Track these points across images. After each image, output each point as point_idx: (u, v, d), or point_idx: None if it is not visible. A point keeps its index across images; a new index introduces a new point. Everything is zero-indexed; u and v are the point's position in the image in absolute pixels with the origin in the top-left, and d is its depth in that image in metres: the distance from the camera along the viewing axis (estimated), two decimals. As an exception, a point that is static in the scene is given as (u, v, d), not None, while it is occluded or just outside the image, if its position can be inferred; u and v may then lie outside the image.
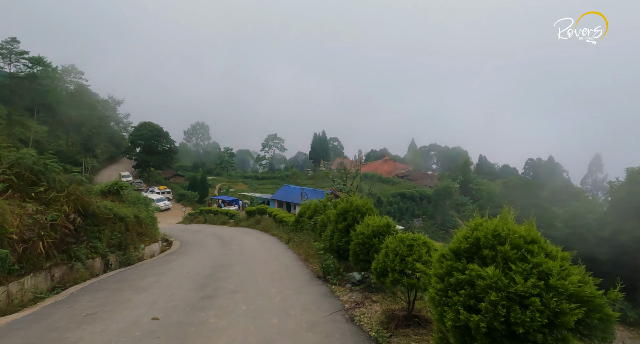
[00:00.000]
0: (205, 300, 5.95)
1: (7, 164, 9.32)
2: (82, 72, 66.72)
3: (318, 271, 7.52)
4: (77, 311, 5.69)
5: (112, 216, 11.58)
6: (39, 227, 8.27)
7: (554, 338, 2.21)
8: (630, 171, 32.50)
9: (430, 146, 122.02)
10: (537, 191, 54.37)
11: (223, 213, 31.81)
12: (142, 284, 7.59)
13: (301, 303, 5.53)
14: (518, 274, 2.35)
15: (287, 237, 14.25)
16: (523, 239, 2.57)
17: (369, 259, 5.41)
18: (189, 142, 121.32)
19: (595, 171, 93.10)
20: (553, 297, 2.23)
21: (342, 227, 7.01)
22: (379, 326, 4.28)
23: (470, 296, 2.45)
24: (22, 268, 7.44)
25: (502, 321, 2.27)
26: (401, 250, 4.09)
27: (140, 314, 5.28)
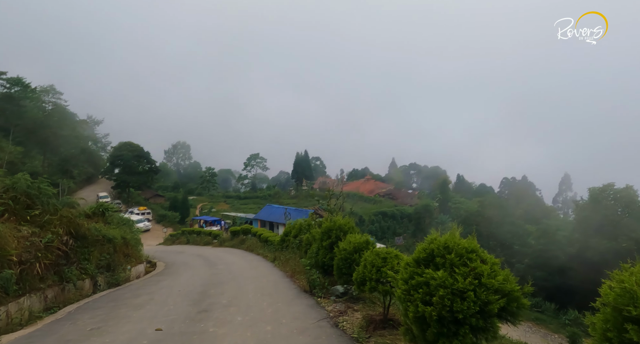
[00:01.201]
0: (202, 313, 6.49)
1: (2, 189, 9.65)
2: (60, 92, 66.18)
3: (305, 286, 8.16)
4: (81, 327, 6.11)
5: (101, 237, 11.86)
6: (36, 249, 8.59)
7: (484, 321, 3.03)
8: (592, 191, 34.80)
9: (410, 165, 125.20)
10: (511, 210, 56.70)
11: (206, 234, 31.79)
12: (138, 302, 8.00)
13: (291, 313, 6.18)
14: (459, 276, 3.18)
15: (272, 256, 14.77)
16: (465, 250, 3.41)
17: (351, 272, 6.14)
18: (170, 161, 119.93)
19: (565, 189, 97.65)
20: (483, 291, 3.06)
21: (326, 244, 7.74)
22: (359, 329, 5.00)
23: (426, 293, 3.25)
24: (20, 288, 7.74)
25: (448, 310, 3.07)
26: (377, 262, 4.88)
27: (143, 327, 5.78)
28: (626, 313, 1.77)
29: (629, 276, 1.86)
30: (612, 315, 1.85)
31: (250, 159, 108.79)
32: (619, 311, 1.82)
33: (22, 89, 50.03)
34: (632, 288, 1.80)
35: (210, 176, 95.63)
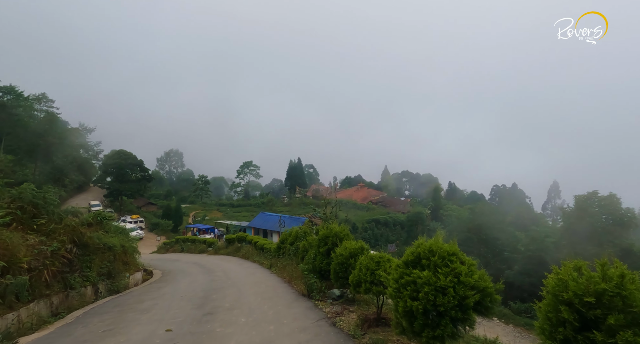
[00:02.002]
0: (207, 316, 6.91)
1: (9, 199, 9.99)
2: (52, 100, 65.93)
3: (302, 290, 8.62)
4: (94, 329, 6.49)
5: (102, 245, 12.17)
6: (44, 257, 8.93)
7: (462, 313, 3.56)
8: (578, 198, 35.86)
9: (403, 172, 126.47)
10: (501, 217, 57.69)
11: (201, 241, 31.91)
12: (143, 307, 8.37)
13: (291, 314, 6.65)
14: (442, 275, 3.72)
15: (269, 263, 15.16)
16: (447, 253, 3.96)
17: (347, 276, 6.64)
18: (162, 169, 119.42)
19: (554, 197, 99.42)
20: (462, 288, 3.61)
21: (323, 251, 8.24)
22: (355, 327, 5.49)
23: (413, 290, 3.79)
24: (29, 294, 8.06)
25: (432, 305, 3.60)
26: (371, 266, 5.41)
27: (153, 328, 6.19)
28: (561, 298, 2.32)
29: (564, 269, 2.42)
30: (552, 300, 2.40)
31: (243, 167, 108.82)
32: (556, 296, 2.37)
33: (14, 98, 49.85)
34: (564, 278, 2.36)
35: (203, 184, 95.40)
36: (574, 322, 2.25)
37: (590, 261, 2.48)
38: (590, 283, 2.25)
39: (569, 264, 2.47)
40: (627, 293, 2.13)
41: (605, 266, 2.28)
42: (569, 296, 2.28)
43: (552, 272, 2.55)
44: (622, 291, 2.14)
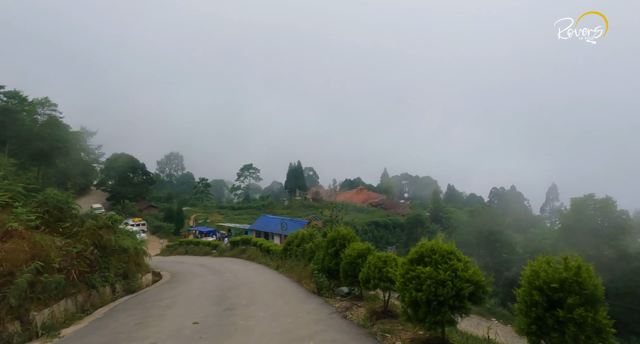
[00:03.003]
0: (227, 311, 7.57)
1: (36, 204, 10.65)
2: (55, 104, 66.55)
3: (312, 288, 9.29)
4: (125, 323, 7.15)
5: (117, 248, 12.81)
6: (70, 258, 9.58)
7: (459, 302, 4.24)
8: (574, 201, 36.62)
9: (402, 175, 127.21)
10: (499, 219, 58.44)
11: (205, 244, 32.53)
12: (164, 304, 9.02)
13: (305, 309, 7.31)
14: (442, 270, 4.40)
15: (275, 264, 15.81)
16: (446, 252, 4.65)
17: (356, 274, 7.32)
18: (163, 172, 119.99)
19: (552, 199, 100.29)
20: (458, 281, 4.28)
21: (332, 251, 8.92)
22: (364, 319, 6.16)
23: (418, 283, 4.46)
24: (60, 292, 8.71)
25: (433, 295, 4.28)
26: (379, 264, 6.09)
27: (181, 321, 6.85)
28: (533, 284, 3.00)
29: (537, 262, 3.11)
30: (527, 286, 3.07)
31: (243, 170, 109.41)
32: (530, 283, 3.04)
33: (19, 102, 50.53)
34: (537, 269, 3.03)
35: (204, 187, 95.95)
36: (543, 303, 2.92)
37: (589, 263, 3.09)
38: (556, 273, 2.92)
39: (541, 259, 3.15)
40: (582, 279, 2.81)
41: (567, 260, 2.96)
42: (540, 283, 2.96)
43: (528, 265, 3.23)
44: (578, 278, 2.82)
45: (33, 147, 53.47)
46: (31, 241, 8.07)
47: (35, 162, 56.78)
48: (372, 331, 5.64)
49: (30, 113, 56.86)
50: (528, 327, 3.03)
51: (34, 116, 60.47)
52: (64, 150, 57.78)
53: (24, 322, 6.96)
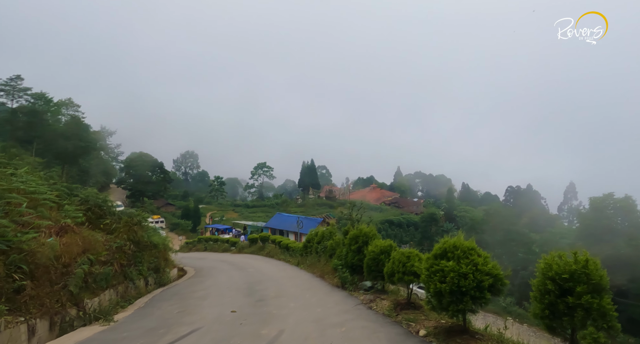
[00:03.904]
0: (260, 302, 8.21)
1: (78, 202, 11.53)
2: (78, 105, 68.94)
3: (336, 283, 9.86)
4: (168, 310, 7.86)
5: (149, 243, 13.64)
6: (112, 252, 10.40)
7: (479, 293, 4.73)
8: (593, 200, 36.16)
9: (416, 173, 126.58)
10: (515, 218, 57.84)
11: (224, 241, 33.49)
12: (199, 295, 9.74)
13: (332, 301, 7.90)
14: (463, 264, 4.89)
15: (296, 260, 16.45)
16: (467, 248, 5.14)
17: (379, 269, 7.86)
18: (178, 171, 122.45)
19: (570, 198, 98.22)
20: (479, 274, 4.77)
21: (354, 248, 9.47)
22: (389, 309, 6.70)
23: (442, 276, 4.97)
24: (107, 283, 9.51)
25: (456, 286, 4.78)
26: (403, 259, 6.61)
27: (219, 310, 7.52)
28: (547, 275, 3.47)
29: (550, 256, 3.59)
30: (541, 277, 3.55)
31: (257, 168, 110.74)
32: (544, 274, 3.52)
33: (44, 103, 52.67)
34: (550, 262, 3.51)
35: (219, 185, 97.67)
36: (555, 291, 3.40)
37: (605, 263, 3.55)
38: (566, 265, 3.40)
39: (554, 253, 3.63)
40: (589, 271, 3.28)
41: (576, 254, 3.43)
42: (552, 274, 3.44)
43: (542, 258, 3.71)
44: (586, 270, 3.29)
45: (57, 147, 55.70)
46: (82, 236, 8.86)
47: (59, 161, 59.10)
48: (397, 319, 6.18)
49: (55, 114, 59.20)
50: (542, 312, 3.52)
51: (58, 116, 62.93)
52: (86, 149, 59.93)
53: (79, 308, 7.74)
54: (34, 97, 50.77)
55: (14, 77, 48.54)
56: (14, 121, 48.84)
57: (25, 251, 6.52)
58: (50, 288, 6.95)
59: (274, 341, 5.23)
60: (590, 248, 23.09)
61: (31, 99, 50.44)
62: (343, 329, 5.76)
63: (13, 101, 49.28)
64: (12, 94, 48.62)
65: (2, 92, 47.80)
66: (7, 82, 47.84)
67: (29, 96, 50.05)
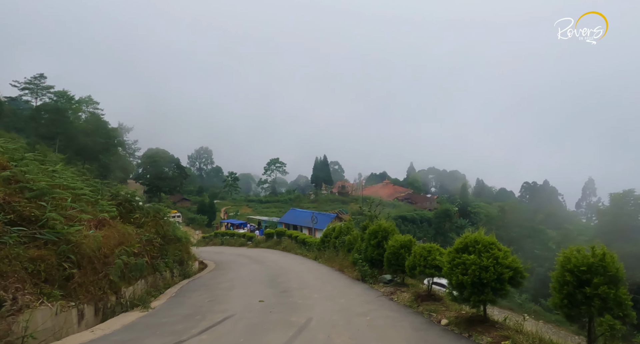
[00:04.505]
0: (284, 293, 8.63)
1: (109, 197, 12.17)
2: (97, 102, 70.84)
3: (356, 276, 10.22)
4: (199, 300, 8.36)
5: (174, 237, 14.24)
6: (143, 244, 11.00)
7: (500, 285, 5.01)
8: (614, 196, 35.49)
9: (429, 169, 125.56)
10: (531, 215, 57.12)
11: (240, 235, 34.23)
12: (225, 286, 10.24)
13: (354, 292, 8.26)
14: (484, 258, 5.17)
15: (313, 255, 16.88)
16: (487, 242, 5.41)
17: (399, 263, 8.18)
18: (193, 166, 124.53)
19: (588, 194, 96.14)
20: (499, 267, 5.05)
21: (374, 243, 9.80)
22: (411, 301, 7.02)
23: (463, 268, 5.26)
24: (140, 273, 10.10)
25: (477, 278, 5.06)
26: (424, 253, 6.91)
27: (247, 300, 7.97)
28: (566, 267, 3.74)
29: (569, 250, 3.85)
30: (560, 269, 3.82)
31: (270, 164, 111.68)
32: (563, 266, 3.78)
33: (66, 101, 54.37)
34: (569, 255, 3.77)
35: (233, 181, 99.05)
36: (574, 282, 3.67)
37: (625, 260, 3.73)
38: (584, 258, 3.66)
39: (572, 247, 3.89)
40: (606, 264, 3.53)
41: (594, 248, 3.69)
42: (571, 266, 3.70)
43: (561, 252, 3.98)
44: (603, 263, 3.54)
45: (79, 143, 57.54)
46: (117, 229, 9.45)
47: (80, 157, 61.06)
48: (418, 310, 6.50)
49: (76, 111, 61.06)
50: (561, 301, 3.80)
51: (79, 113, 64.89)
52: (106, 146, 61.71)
53: (118, 296, 8.31)
54: (57, 95, 52.47)
55: (38, 76, 50.27)
56: (37, 118, 50.71)
57: (72, 242, 7.08)
58: (94, 276, 7.51)
59: (304, 328, 5.62)
60: (610, 245, 23.03)
61: (54, 97, 52.11)
62: (368, 318, 6.12)
63: (37, 98, 51.02)
64: (36, 92, 50.41)
65: (26, 91, 49.52)
66: (31, 81, 49.57)
67: (52, 93, 51.73)
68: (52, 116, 51.17)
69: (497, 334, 4.94)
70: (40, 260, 6.27)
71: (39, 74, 51.20)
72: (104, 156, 61.33)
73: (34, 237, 6.55)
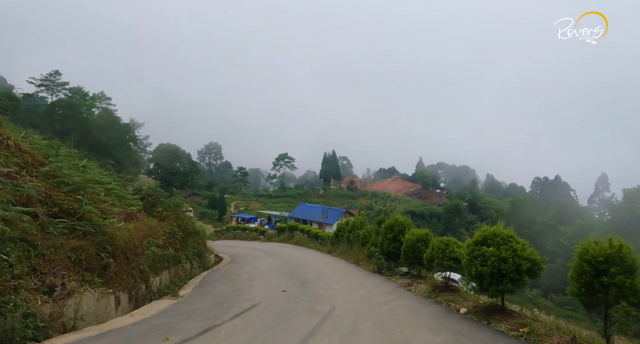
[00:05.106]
0: (304, 284, 8.99)
1: (133, 191, 12.64)
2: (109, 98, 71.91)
3: (372, 269, 10.53)
4: (224, 289, 8.76)
5: (192, 230, 14.70)
6: (167, 237, 11.45)
7: (518, 275, 5.26)
8: (627, 192, 35.10)
9: (438, 164, 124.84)
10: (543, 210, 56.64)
11: (252, 230, 34.80)
12: (244, 278, 10.64)
13: (372, 283, 8.58)
14: (503, 250, 5.42)
15: (326, 249, 17.24)
16: (506, 235, 5.65)
17: (416, 256, 8.47)
18: (203, 161, 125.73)
19: (602, 190, 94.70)
20: (518, 259, 5.29)
21: (390, 237, 10.08)
22: (429, 291, 7.31)
23: (482, 260, 5.52)
24: (166, 264, 10.56)
25: (496, 269, 5.32)
26: (442, 246, 7.18)
27: (270, 290, 8.34)
28: (584, 258, 3.98)
29: (586, 242, 4.09)
30: (578, 259, 4.06)
31: (278, 159, 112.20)
32: (581, 257, 4.03)
33: (81, 97, 55.39)
34: (587, 247, 4.00)
35: (242, 176, 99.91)
36: (591, 272, 3.91)
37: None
38: (602, 249, 3.90)
39: (590, 239, 4.13)
40: (622, 254, 3.76)
41: (611, 240, 3.92)
42: (589, 257, 3.95)
43: (579, 244, 4.22)
44: (620, 254, 3.77)
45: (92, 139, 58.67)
46: (144, 222, 9.89)
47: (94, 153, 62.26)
48: (436, 300, 6.79)
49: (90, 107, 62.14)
50: (578, 290, 4.05)
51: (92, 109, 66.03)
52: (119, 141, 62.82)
53: (147, 285, 8.77)
54: (71, 92, 53.47)
55: (53, 73, 51.25)
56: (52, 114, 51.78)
57: (107, 234, 7.51)
58: (127, 266, 7.96)
59: (329, 315, 5.95)
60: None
61: (69, 93, 53.14)
62: (389, 306, 6.43)
63: (52, 95, 52.09)
64: (52, 88, 51.42)
65: (43, 87, 50.59)
66: (47, 78, 50.60)
67: (67, 90, 52.74)
68: (66, 112, 52.20)
69: (515, 322, 5.21)
70: (81, 250, 6.71)
71: (55, 70, 52.31)
72: (117, 152, 62.47)
73: (73, 229, 7.00)
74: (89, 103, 60.52)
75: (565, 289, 16.41)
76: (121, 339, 4.83)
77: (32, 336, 4.64)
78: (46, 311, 5.09)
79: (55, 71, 51.78)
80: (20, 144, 8.10)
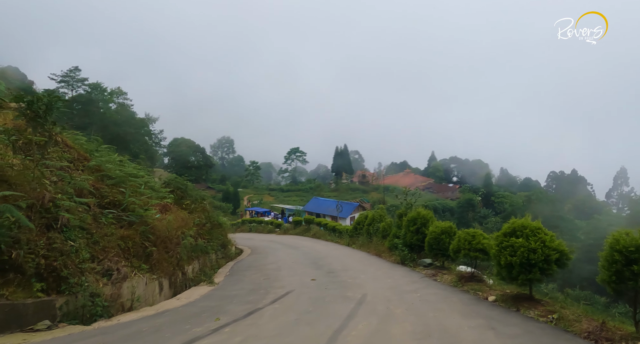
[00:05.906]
0: (331, 274, 9.36)
1: (162, 184, 13.17)
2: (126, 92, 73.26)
3: (395, 260, 10.85)
4: (255, 277, 9.21)
5: (217, 222, 15.22)
6: (197, 228, 11.97)
7: (547, 265, 5.50)
8: (648, 186, 34.35)
9: (451, 158, 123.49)
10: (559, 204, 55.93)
11: (267, 223, 35.44)
12: (272, 267, 11.08)
13: (397, 274, 8.91)
14: (532, 241, 5.66)
15: (345, 241, 17.60)
16: (535, 227, 5.88)
17: (440, 248, 8.75)
18: (215, 155, 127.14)
19: (620, 184, 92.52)
20: (546, 249, 5.54)
21: (413, 229, 10.37)
22: (455, 281, 7.60)
23: (512, 250, 5.77)
24: (199, 254, 11.08)
25: (525, 259, 5.58)
26: (468, 238, 7.44)
27: (300, 278, 8.74)
28: (615, 248, 4.22)
29: (617, 233, 4.33)
30: (609, 249, 4.30)
31: (290, 153, 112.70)
32: (612, 247, 4.27)
33: (99, 92, 56.70)
34: (617, 237, 4.24)
35: (254, 170, 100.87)
36: (622, 261, 4.16)
37: None
38: (633, 240, 4.13)
39: (622, 231, 4.37)
40: (655, 245, 4.01)
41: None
42: (620, 247, 4.19)
43: (610, 235, 4.46)
44: (652, 244, 4.03)
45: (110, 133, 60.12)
46: (178, 214, 10.40)
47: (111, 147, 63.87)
48: (464, 289, 7.08)
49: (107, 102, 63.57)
50: (609, 278, 4.31)
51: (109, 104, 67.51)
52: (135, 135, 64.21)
53: (183, 272, 9.28)
54: (90, 87, 54.77)
55: (73, 69, 52.54)
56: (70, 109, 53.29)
57: (150, 224, 8.01)
58: (166, 254, 8.46)
59: (363, 301, 6.31)
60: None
61: (88, 89, 54.46)
62: (418, 294, 6.76)
63: (72, 90, 53.47)
64: (72, 84, 52.76)
65: (63, 83, 51.96)
66: (67, 73, 51.93)
67: (87, 85, 54.05)
68: (85, 107, 53.55)
69: (543, 309, 5.48)
70: (128, 238, 7.21)
71: (74, 66, 53.63)
72: (134, 146, 63.88)
73: (119, 219, 7.50)
74: (107, 98, 61.90)
75: (578, 285, 16.48)
76: (178, 318, 5.28)
77: (100, 312, 5.13)
78: (107, 293, 5.58)
79: (75, 67, 53.13)
80: (67, 141, 8.62)
